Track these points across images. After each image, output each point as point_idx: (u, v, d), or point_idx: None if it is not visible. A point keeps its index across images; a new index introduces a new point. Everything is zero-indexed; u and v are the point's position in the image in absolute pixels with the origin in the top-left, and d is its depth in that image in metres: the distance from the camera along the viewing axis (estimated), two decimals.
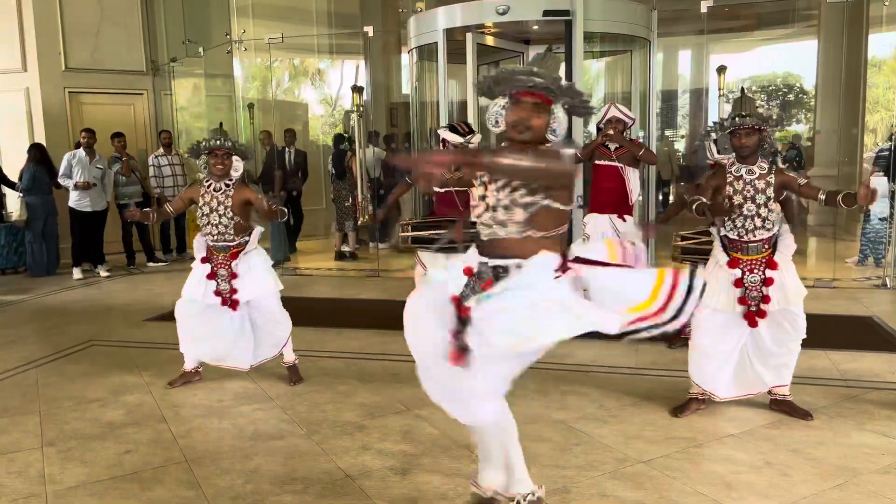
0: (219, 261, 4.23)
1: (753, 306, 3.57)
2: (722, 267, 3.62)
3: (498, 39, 7.03)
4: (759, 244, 3.56)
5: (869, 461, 3.14)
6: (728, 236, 3.63)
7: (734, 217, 3.57)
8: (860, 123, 9.41)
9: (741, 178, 3.56)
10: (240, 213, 4.18)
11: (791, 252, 3.58)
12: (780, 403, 3.69)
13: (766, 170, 3.54)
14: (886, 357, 4.61)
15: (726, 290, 3.60)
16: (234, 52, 8.83)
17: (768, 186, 3.52)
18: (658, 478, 3.04)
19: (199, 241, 4.32)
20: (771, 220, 3.54)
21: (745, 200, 3.53)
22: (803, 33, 11.14)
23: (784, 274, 3.53)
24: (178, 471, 3.20)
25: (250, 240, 4.27)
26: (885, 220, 7.11)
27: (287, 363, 4.40)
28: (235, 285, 4.21)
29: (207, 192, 4.19)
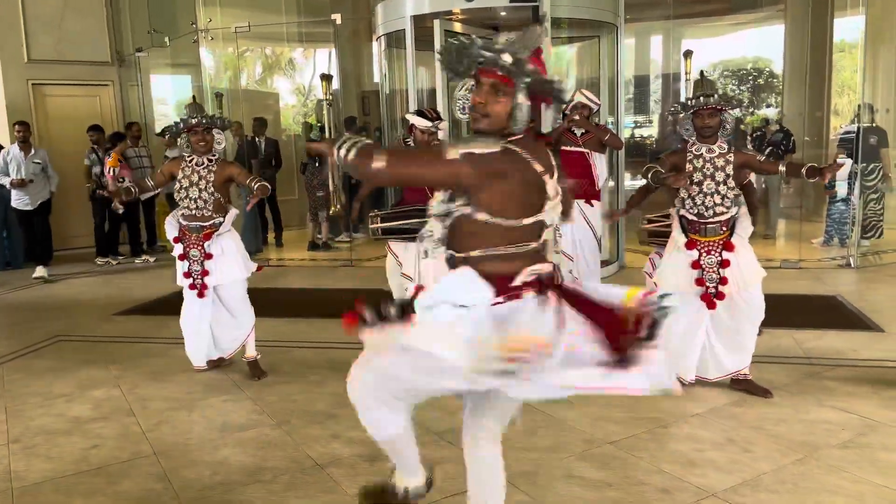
0: (191, 241, 4.15)
1: (711, 288, 3.63)
2: (680, 249, 3.68)
3: (466, 26, 7.00)
4: (717, 226, 3.62)
5: (829, 436, 3.22)
6: (686, 217, 3.68)
7: (694, 195, 3.61)
8: (825, 106, 9.54)
9: (701, 157, 3.62)
10: (220, 190, 4.13)
11: (748, 234, 3.65)
12: (741, 382, 3.77)
13: (726, 149, 3.60)
14: (848, 335, 4.71)
15: (684, 272, 3.65)
16: (201, 42, 8.71)
17: (727, 164, 3.58)
18: (624, 458, 3.09)
19: (170, 221, 4.24)
20: (729, 199, 3.59)
21: (704, 178, 3.59)
22: (771, 17, 11.24)
23: (740, 256, 3.59)
24: (145, 464, 3.19)
25: (225, 221, 4.20)
26: (848, 200, 7.23)
27: (248, 358, 4.34)
28: (208, 266, 4.14)
29: (188, 166, 4.11)
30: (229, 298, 4.24)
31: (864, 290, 5.95)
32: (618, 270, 6.94)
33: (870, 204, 7.75)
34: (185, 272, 4.17)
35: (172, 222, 4.22)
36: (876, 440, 3.16)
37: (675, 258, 3.71)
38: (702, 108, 3.57)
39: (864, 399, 3.61)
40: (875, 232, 7.85)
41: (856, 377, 3.93)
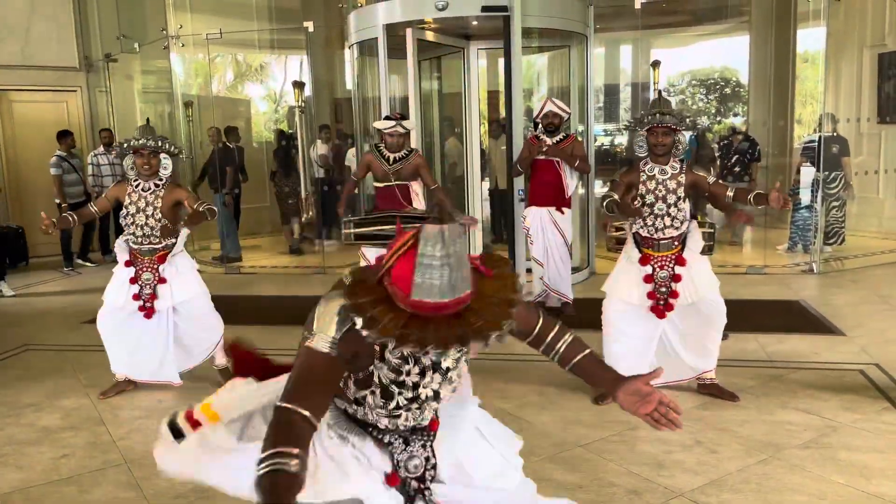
0: (144, 264, 4.08)
1: (661, 300, 3.72)
2: (633, 263, 3.78)
3: (438, 35, 7.07)
4: (669, 241, 3.73)
5: (791, 437, 3.31)
6: (640, 233, 3.79)
7: (645, 216, 3.72)
8: (788, 116, 9.78)
9: (654, 178, 3.71)
10: (168, 215, 4.05)
11: (699, 248, 3.75)
12: (708, 387, 3.85)
13: (678, 169, 3.70)
14: (810, 339, 4.84)
15: (637, 286, 3.75)
16: (171, 48, 8.65)
17: (679, 186, 3.69)
18: (594, 460, 3.14)
19: (120, 244, 4.17)
20: (679, 219, 3.71)
21: (656, 200, 3.69)
22: (736, 28, 11.48)
23: (692, 269, 3.69)
24: (117, 473, 3.17)
25: (177, 242, 4.15)
26: (811, 208, 7.42)
27: (219, 366, 4.30)
28: (161, 291, 4.05)
29: (135, 192, 4.03)
30: (195, 313, 4.17)
31: (826, 295, 6.11)
32: (588, 277, 7.04)
33: (832, 211, 7.96)
34: (135, 294, 4.06)
35: (122, 245, 4.14)
36: (837, 440, 3.26)
37: (628, 272, 3.80)
38: (656, 125, 3.65)
39: (825, 401, 3.72)
40: (837, 238, 8.06)
41: (818, 380, 4.04)
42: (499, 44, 6.41)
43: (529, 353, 4.80)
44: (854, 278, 6.76)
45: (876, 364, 4.26)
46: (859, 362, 4.32)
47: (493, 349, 3.88)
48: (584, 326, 4.98)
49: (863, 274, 6.95)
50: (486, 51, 7.71)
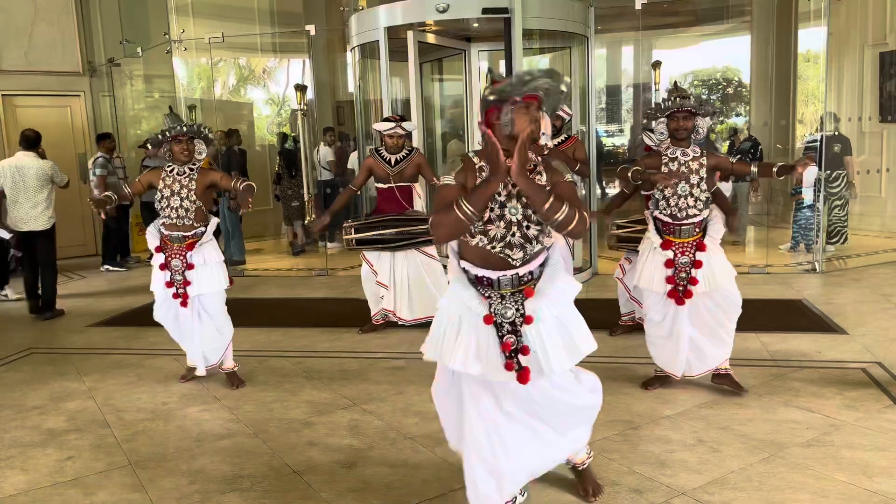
0: (173, 250, 4.13)
1: (680, 287, 3.73)
2: (656, 249, 3.78)
3: (439, 37, 7.09)
4: (691, 227, 3.73)
5: (794, 435, 3.31)
6: (660, 219, 3.79)
7: (668, 196, 3.72)
8: (790, 115, 9.78)
9: (676, 160, 3.72)
10: (202, 198, 4.12)
11: (720, 236, 3.76)
12: (722, 377, 3.88)
13: (699, 153, 3.71)
14: (813, 338, 4.84)
15: (660, 272, 3.76)
16: (174, 52, 8.70)
17: (701, 167, 3.69)
18: (597, 459, 3.14)
19: (152, 230, 4.22)
20: (702, 201, 3.71)
21: (679, 180, 3.69)
22: (738, 29, 11.49)
23: (711, 256, 3.70)
24: (121, 475, 3.18)
25: (206, 230, 4.19)
26: (814, 207, 7.42)
27: (226, 369, 4.35)
28: (189, 277, 4.13)
29: (169, 176, 4.09)
30: (210, 310, 4.24)
31: (828, 294, 6.11)
32: (591, 277, 7.04)
33: (834, 210, 7.96)
34: (168, 282, 4.15)
35: (154, 231, 4.21)
36: (839, 439, 3.26)
37: (652, 258, 3.80)
38: (678, 109, 3.68)
39: (827, 399, 3.72)
40: (840, 237, 8.06)
41: (820, 378, 4.04)
42: (500, 45, 6.42)
43: None
44: (856, 277, 6.76)
45: (878, 362, 4.26)
46: (862, 361, 4.32)
47: None
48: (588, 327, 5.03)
49: (865, 273, 6.95)
50: (488, 52, 7.72)
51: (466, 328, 2.41)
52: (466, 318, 2.42)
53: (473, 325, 2.41)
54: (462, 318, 2.43)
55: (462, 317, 2.43)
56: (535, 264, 2.47)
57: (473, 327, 2.41)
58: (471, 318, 2.42)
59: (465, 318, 2.43)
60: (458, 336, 2.41)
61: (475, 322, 2.41)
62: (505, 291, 2.43)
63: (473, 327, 2.41)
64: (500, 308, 2.42)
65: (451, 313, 2.46)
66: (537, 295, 2.43)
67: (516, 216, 2.39)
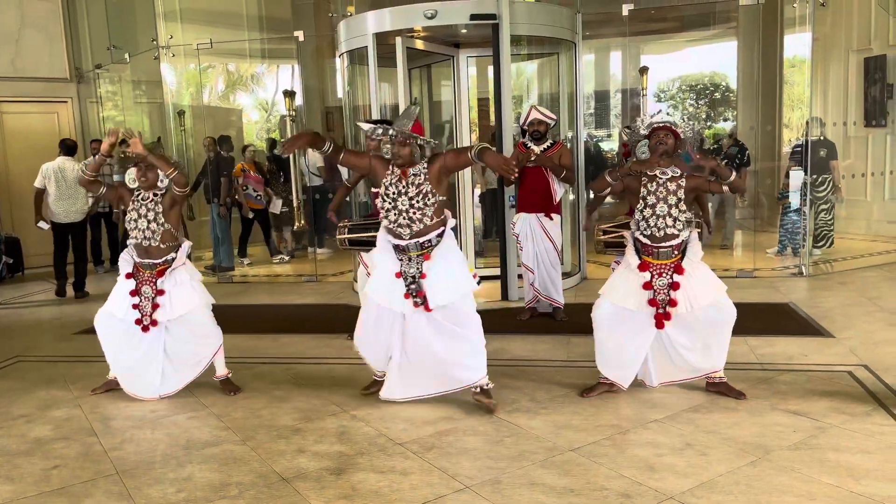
0: (144, 277, 4.17)
1: (661, 309, 3.78)
2: (633, 270, 3.83)
3: (427, 43, 7.10)
4: (669, 249, 3.79)
5: (780, 438, 3.33)
6: (640, 240, 3.84)
7: (647, 216, 3.78)
8: (776, 120, 9.86)
9: (655, 179, 3.76)
10: (170, 219, 4.15)
11: (699, 258, 3.82)
12: (717, 385, 3.91)
13: (678, 174, 3.76)
14: (799, 341, 4.88)
15: (635, 293, 3.82)
16: (162, 58, 8.67)
17: (679, 188, 3.75)
18: (585, 464, 3.16)
19: (125, 256, 4.27)
20: (681, 221, 3.75)
21: (657, 200, 3.74)
22: (724, 34, 11.58)
23: (692, 278, 3.75)
24: (108, 483, 3.16)
25: (178, 256, 4.22)
26: (800, 211, 7.48)
27: (220, 377, 4.34)
28: (159, 301, 4.13)
29: (136, 200, 4.18)
30: (195, 327, 4.21)
31: (815, 298, 6.15)
32: (579, 282, 7.07)
33: (821, 214, 8.02)
34: (135, 304, 4.14)
35: (126, 258, 4.25)
36: (825, 441, 3.28)
37: (627, 278, 3.86)
38: (658, 125, 3.76)
39: (814, 403, 3.74)
40: (826, 241, 8.12)
41: (807, 381, 4.07)
42: (488, 51, 6.45)
43: (521, 360, 4.84)
44: (843, 280, 6.81)
45: (864, 366, 4.30)
46: (848, 364, 4.36)
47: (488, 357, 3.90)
48: (576, 331, 5.06)
49: (851, 276, 7.01)
50: (476, 58, 7.75)
51: (388, 280, 3.89)
52: (389, 276, 3.90)
53: (391, 277, 3.88)
54: (388, 274, 3.91)
55: (389, 272, 3.91)
56: (430, 236, 3.82)
57: (391, 279, 3.88)
58: (391, 275, 3.89)
59: (388, 276, 3.90)
60: (384, 284, 3.91)
61: (392, 275, 3.88)
62: (412, 254, 3.84)
63: (391, 279, 3.88)
64: (406, 267, 3.86)
65: (382, 272, 3.94)
66: (431, 258, 3.83)
67: (405, 207, 3.77)
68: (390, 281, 3.87)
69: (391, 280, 3.87)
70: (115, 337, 4.23)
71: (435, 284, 3.79)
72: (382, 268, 3.94)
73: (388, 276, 3.89)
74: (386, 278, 3.90)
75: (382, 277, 3.92)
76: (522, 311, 5.84)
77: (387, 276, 3.90)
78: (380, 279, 3.93)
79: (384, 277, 3.91)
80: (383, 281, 3.91)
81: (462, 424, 3.66)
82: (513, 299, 6.39)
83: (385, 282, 3.90)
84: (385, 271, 3.92)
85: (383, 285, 3.90)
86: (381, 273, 3.94)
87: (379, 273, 3.96)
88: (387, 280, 3.89)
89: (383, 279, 3.91)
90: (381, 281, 3.92)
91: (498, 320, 5.66)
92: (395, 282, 3.86)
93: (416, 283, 3.81)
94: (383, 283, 3.91)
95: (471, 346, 3.85)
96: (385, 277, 3.90)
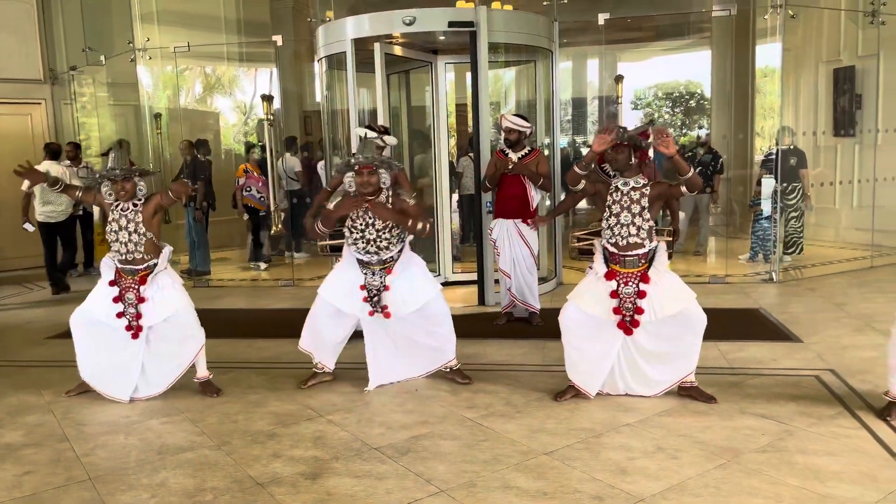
0: (127, 283, 4.17)
1: (627, 317, 3.85)
2: (600, 278, 3.91)
3: (406, 49, 7.14)
4: (636, 258, 3.87)
5: (749, 441, 3.40)
6: (608, 248, 3.93)
7: (612, 225, 3.88)
8: (748, 129, 10.03)
9: (618, 190, 3.88)
10: (151, 228, 4.16)
11: (665, 266, 3.91)
12: (688, 389, 3.98)
13: (641, 184, 3.85)
14: (769, 346, 4.97)
15: (602, 300, 3.90)
16: (138, 60, 8.61)
17: (643, 197, 3.83)
18: (559, 468, 3.20)
19: (106, 261, 4.26)
20: (645, 230, 3.83)
21: (621, 210, 3.82)
22: (698, 44, 11.76)
23: (659, 287, 3.83)
24: (80, 489, 3.14)
25: (159, 262, 4.22)
26: (771, 218, 7.61)
27: (200, 378, 4.35)
28: (142, 309, 4.15)
29: (115, 211, 4.17)
30: (180, 328, 4.23)
31: (784, 303, 6.27)
32: (555, 287, 7.13)
33: (791, 222, 8.17)
34: (119, 313, 4.16)
35: (109, 263, 4.24)
36: (793, 444, 3.36)
37: (595, 286, 3.94)
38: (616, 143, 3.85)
39: (782, 406, 3.82)
40: (796, 248, 8.27)
41: (775, 385, 4.16)
42: (466, 58, 6.49)
43: (497, 364, 4.87)
44: (812, 287, 6.95)
45: (831, 370, 4.40)
46: (815, 368, 4.45)
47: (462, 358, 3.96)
48: (551, 336, 5.10)
49: (820, 282, 7.15)
50: (454, 65, 7.80)
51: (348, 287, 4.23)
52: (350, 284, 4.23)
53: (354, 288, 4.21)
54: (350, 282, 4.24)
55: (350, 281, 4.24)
56: (391, 254, 4.20)
57: (352, 286, 4.21)
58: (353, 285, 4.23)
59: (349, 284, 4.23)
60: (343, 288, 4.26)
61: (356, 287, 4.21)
62: (375, 268, 4.20)
63: (352, 286, 4.21)
64: (370, 280, 4.21)
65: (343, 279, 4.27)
66: (394, 272, 4.19)
67: (372, 237, 4.15)
68: (350, 287, 4.22)
69: (351, 287, 4.22)
70: (92, 338, 4.23)
71: (398, 297, 4.19)
72: (342, 274, 4.28)
73: (348, 283, 4.23)
74: (345, 284, 4.24)
75: (342, 283, 4.25)
76: (499, 315, 5.88)
77: (346, 283, 4.24)
78: (338, 283, 4.27)
79: (344, 283, 4.25)
80: (342, 286, 4.25)
81: (438, 429, 3.68)
82: (490, 304, 6.43)
83: (344, 287, 4.24)
84: (346, 278, 4.25)
85: (342, 290, 4.24)
86: (339, 278, 4.28)
87: (337, 277, 4.30)
88: (346, 286, 4.23)
89: (342, 284, 4.25)
90: (340, 285, 4.26)
91: (475, 325, 5.70)
92: (355, 289, 4.21)
93: (379, 296, 4.19)
94: (342, 287, 4.24)
95: (442, 338, 4.31)
96: (345, 283, 4.24)
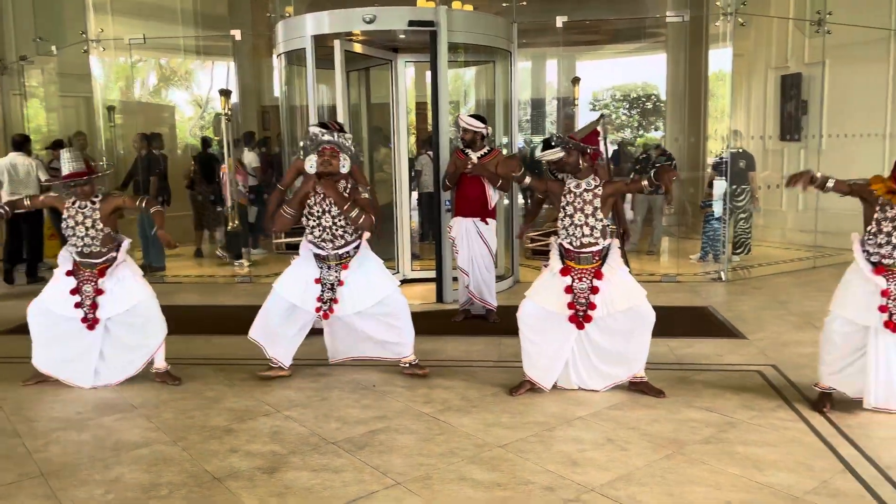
0: (85, 276, 4.17)
1: (580, 312, 3.98)
2: (555, 274, 4.04)
3: (366, 47, 7.16)
4: (590, 255, 4.01)
5: (694, 433, 3.54)
6: (563, 245, 4.06)
7: (567, 225, 4.02)
8: (701, 132, 10.31)
9: (571, 192, 4.02)
10: (108, 223, 4.18)
11: (618, 264, 4.05)
12: (638, 384, 4.12)
13: (593, 185, 4.00)
14: (716, 342, 5.16)
15: (557, 296, 4.02)
16: (92, 51, 8.43)
17: (595, 198, 3.97)
18: (513, 460, 3.29)
19: (64, 253, 4.26)
20: (598, 230, 3.97)
21: (575, 211, 3.96)
22: (654, 48, 12.04)
23: (611, 284, 3.97)
24: (32, 485, 3.11)
25: (118, 255, 4.23)
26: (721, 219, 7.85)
27: (159, 369, 4.38)
28: (99, 301, 4.16)
29: (72, 208, 4.16)
30: (140, 319, 4.26)
31: (732, 302, 6.50)
32: (512, 285, 7.24)
33: (739, 223, 8.44)
34: (77, 303, 4.17)
35: (66, 255, 4.23)
36: (734, 436, 3.51)
37: (551, 282, 4.06)
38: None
39: (726, 400, 3.99)
40: (744, 248, 8.55)
41: (720, 380, 4.33)
42: (426, 56, 6.55)
43: (454, 360, 4.94)
44: (758, 286, 7.21)
45: (773, 365, 4.59)
46: (758, 363, 4.64)
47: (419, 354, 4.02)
48: (507, 333, 5.20)
49: (766, 282, 7.41)
50: (414, 63, 7.84)
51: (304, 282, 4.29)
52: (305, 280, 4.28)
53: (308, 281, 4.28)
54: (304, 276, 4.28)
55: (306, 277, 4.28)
56: (349, 248, 4.26)
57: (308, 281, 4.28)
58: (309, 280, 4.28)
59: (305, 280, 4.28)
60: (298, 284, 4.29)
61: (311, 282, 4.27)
62: (331, 263, 4.27)
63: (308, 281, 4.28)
64: (325, 274, 4.27)
65: (298, 274, 4.31)
66: (349, 268, 4.26)
67: (329, 224, 4.20)
68: (305, 283, 4.27)
69: (307, 282, 4.27)
70: (48, 329, 4.22)
71: (355, 291, 4.25)
72: (298, 270, 4.33)
73: (303, 277, 4.29)
74: (301, 280, 4.29)
75: (297, 278, 4.30)
76: (457, 313, 5.96)
77: (302, 278, 4.29)
78: (294, 279, 4.31)
79: (299, 279, 4.29)
80: (298, 281, 4.29)
81: (394, 423, 3.74)
82: (448, 301, 6.50)
83: (299, 283, 4.29)
84: (301, 273, 4.30)
85: (298, 285, 4.29)
86: (295, 273, 4.33)
87: (293, 272, 4.34)
88: (301, 281, 4.28)
89: (298, 280, 4.30)
90: (296, 281, 4.30)
91: (433, 322, 5.76)
92: (310, 284, 4.27)
93: (333, 290, 4.24)
94: (298, 283, 4.29)
95: (400, 332, 4.37)
96: (300, 279, 4.29)
